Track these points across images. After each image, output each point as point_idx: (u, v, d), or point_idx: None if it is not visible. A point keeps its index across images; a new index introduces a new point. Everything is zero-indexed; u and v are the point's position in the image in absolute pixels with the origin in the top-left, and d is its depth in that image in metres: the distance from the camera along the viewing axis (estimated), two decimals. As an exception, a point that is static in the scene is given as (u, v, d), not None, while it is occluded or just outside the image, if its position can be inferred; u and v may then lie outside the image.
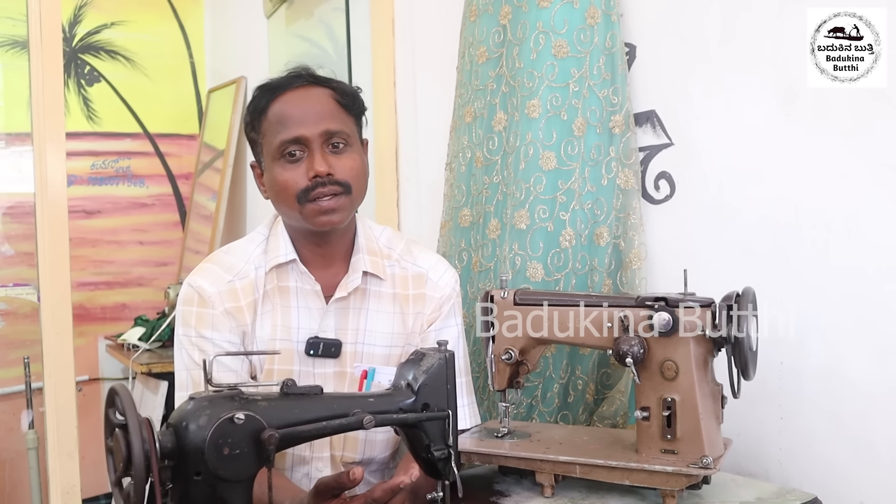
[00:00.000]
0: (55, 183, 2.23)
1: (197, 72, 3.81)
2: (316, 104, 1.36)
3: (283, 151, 1.35)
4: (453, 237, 1.94)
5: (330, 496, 1.14)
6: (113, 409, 0.94)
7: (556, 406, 1.70)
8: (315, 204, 1.34)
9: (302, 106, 1.36)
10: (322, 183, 1.33)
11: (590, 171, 1.68)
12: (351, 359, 1.43)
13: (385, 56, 2.34)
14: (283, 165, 1.35)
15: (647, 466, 1.24)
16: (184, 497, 0.96)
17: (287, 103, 1.36)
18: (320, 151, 1.34)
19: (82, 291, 3.47)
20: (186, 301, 1.41)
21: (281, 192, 1.36)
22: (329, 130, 1.35)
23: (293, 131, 1.34)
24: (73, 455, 2.23)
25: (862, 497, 1.36)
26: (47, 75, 2.21)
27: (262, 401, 1.01)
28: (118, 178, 3.62)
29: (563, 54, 1.68)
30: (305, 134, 1.33)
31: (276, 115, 1.36)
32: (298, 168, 1.34)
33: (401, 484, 1.11)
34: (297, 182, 1.34)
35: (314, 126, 1.34)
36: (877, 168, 1.33)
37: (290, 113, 1.35)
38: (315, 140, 1.34)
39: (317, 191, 1.33)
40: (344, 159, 1.36)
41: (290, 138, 1.34)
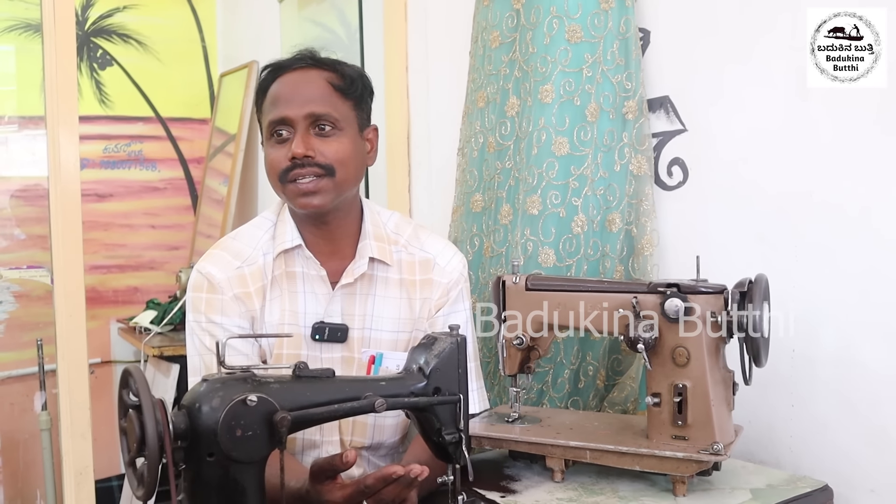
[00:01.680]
0: (68, 166, 2.23)
1: (209, 56, 3.81)
2: (307, 87, 1.38)
3: (271, 131, 1.38)
4: (465, 222, 1.94)
5: (325, 478, 1.14)
6: (126, 390, 0.94)
7: (567, 392, 1.70)
8: (294, 185, 1.36)
9: (294, 87, 1.38)
10: (300, 164, 1.35)
11: (602, 157, 1.68)
12: (358, 344, 1.43)
13: (397, 41, 2.33)
14: (272, 145, 1.38)
15: (657, 452, 1.25)
16: (196, 478, 0.97)
17: (282, 84, 1.39)
18: (303, 133, 1.35)
19: (95, 275, 3.49)
20: (196, 287, 1.42)
21: (269, 172, 1.39)
22: (314, 113, 1.36)
23: (280, 111, 1.36)
24: (86, 436, 2.24)
25: (873, 484, 1.35)
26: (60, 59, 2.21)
27: (275, 383, 1.01)
28: (130, 161, 3.63)
29: (576, 39, 1.67)
30: (290, 115, 1.36)
31: (272, 95, 1.39)
32: (283, 148, 1.37)
33: (393, 474, 1.09)
34: (279, 162, 1.36)
35: (300, 108, 1.36)
36: (892, 156, 1.32)
37: (281, 93, 1.38)
38: (300, 122, 1.36)
39: (294, 171, 1.35)
40: (329, 143, 1.37)
41: (276, 118, 1.37)
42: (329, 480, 1.14)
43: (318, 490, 1.14)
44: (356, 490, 1.11)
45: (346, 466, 1.11)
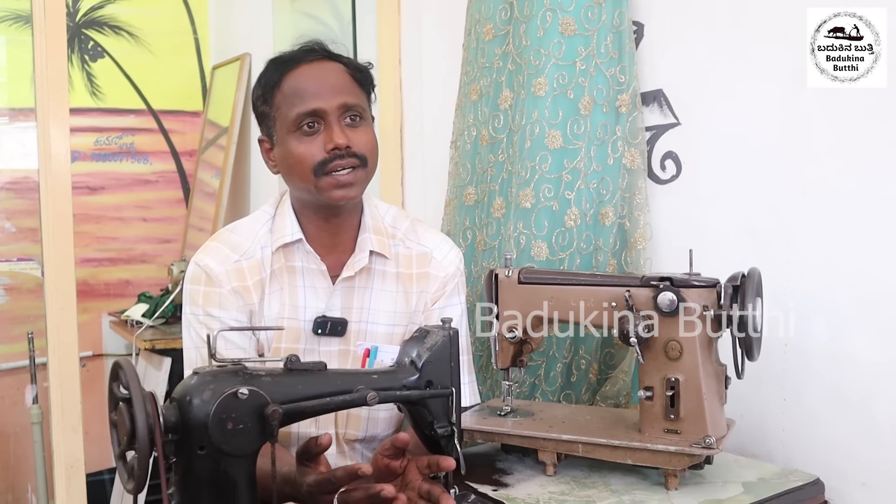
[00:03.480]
0: (59, 159, 2.22)
1: (201, 48, 3.78)
2: (332, 77, 1.37)
3: (299, 124, 1.34)
4: (458, 215, 1.93)
5: (305, 459, 1.13)
6: (117, 382, 0.94)
7: (559, 385, 1.70)
8: (331, 177, 1.34)
9: (319, 79, 1.36)
10: (340, 155, 1.33)
11: (596, 151, 1.67)
12: (355, 337, 1.43)
13: (390, 33, 2.32)
14: (299, 138, 1.35)
15: (649, 446, 1.25)
16: (187, 471, 0.96)
17: (303, 76, 1.36)
18: (338, 124, 1.34)
19: (86, 267, 3.47)
20: (194, 280, 1.41)
21: (296, 166, 1.36)
22: (346, 104, 1.35)
23: (310, 104, 1.34)
24: (77, 429, 2.23)
25: (864, 478, 1.36)
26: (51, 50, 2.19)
27: (266, 376, 1.01)
28: (122, 154, 3.61)
29: (570, 32, 1.67)
30: (323, 107, 1.34)
31: (292, 88, 1.36)
32: (315, 141, 1.34)
33: (359, 471, 1.06)
34: (313, 155, 1.34)
35: (332, 99, 1.34)
36: (884, 150, 1.32)
37: (306, 86, 1.35)
38: (332, 113, 1.34)
39: (334, 163, 1.33)
40: (360, 133, 1.36)
41: (307, 111, 1.34)
42: (311, 463, 1.14)
43: (300, 470, 1.14)
44: (325, 478, 1.10)
45: (320, 449, 1.10)
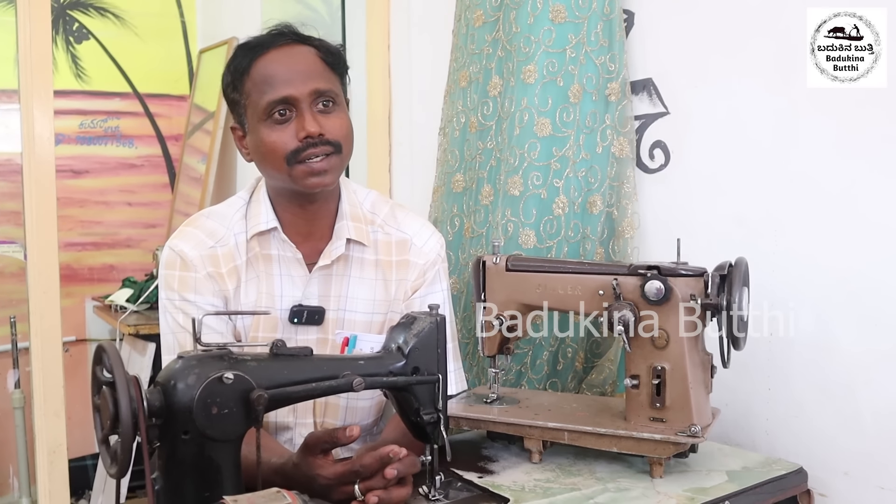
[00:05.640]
0: (42, 141, 2.19)
1: (188, 31, 3.74)
2: (302, 63, 1.33)
3: (270, 112, 1.31)
4: (446, 202, 1.93)
5: (319, 451, 1.13)
6: (100, 366, 0.93)
7: (546, 373, 1.70)
8: (305, 165, 1.31)
9: (288, 65, 1.32)
10: (313, 143, 1.30)
11: (584, 139, 1.67)
12: (333, 326, 1.41)
13: (379, 18, 2.30)
14: (271, 126, 1.32)
15: (635, 434, 1.25)
16: (171, 455, 0.96)
17: (273, 62, 1.33)
18: (310, 111, 1.31)
19: (70, 252, 3.44)
20: (169, 265, 1.39)
21: (268, 154, 1.33)
22: (318, 90, 1.31)
23: (280, 91, 1.30)
24: (60, 414, 2.21)
25: (847, 467, 1.37)
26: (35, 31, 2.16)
27: (252, 361, 1.00)
28: (107, 137, 3.57)
29: (560, 19, 1.66)
30: (294, 94, 1.30)
31: (262, 74, 1.32)
32: (287, 129, 1.31)
33: (391, 453, 1.08)
34: (285, 143, 1.31)
35: (302, 85, 1.31)
36: (874, 143, 1.32)
37: (276, 72, 1.32)
38: (304, 100, 1.31)
39: (307, 151, 1.30)
40: (333, 118, 1.33)
41: (277, 98, 1.30)
42: (323, 454, 1.13)
43: (310, 463, 1.13)
44: (350, 469, 1.10)
45: (349, 440, 1.10)
